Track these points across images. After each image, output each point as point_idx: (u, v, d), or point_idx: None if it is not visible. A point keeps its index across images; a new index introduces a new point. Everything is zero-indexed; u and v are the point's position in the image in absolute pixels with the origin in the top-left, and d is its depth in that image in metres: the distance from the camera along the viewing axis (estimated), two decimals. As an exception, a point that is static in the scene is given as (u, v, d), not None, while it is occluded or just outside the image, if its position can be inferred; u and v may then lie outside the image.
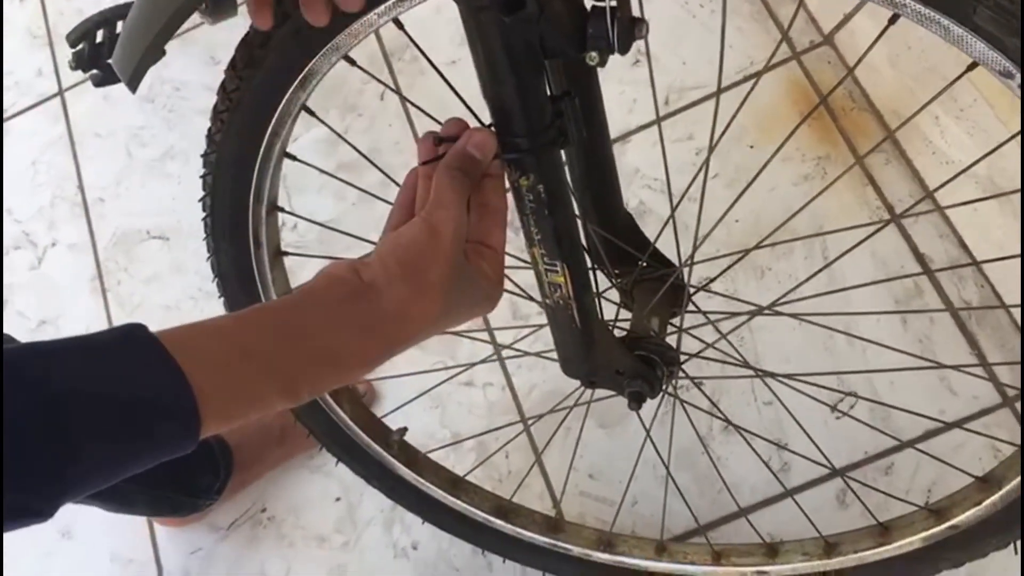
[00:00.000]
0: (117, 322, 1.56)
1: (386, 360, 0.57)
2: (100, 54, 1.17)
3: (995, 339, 1.26)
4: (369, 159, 0.88)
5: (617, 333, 0.88)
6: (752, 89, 0.83)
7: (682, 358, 0.88)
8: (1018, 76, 0.60)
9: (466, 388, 1.37)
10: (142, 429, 0.45)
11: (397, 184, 0.66)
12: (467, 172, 0.59)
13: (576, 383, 0.92)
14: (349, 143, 0.96)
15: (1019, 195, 1.18)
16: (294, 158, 0.82)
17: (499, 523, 1.09)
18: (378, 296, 0.56)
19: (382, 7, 0.64)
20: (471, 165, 0.60)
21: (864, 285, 1.20)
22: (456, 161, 0.60)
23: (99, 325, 1.56)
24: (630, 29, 0.58)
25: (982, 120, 1.25)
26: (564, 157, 0.71)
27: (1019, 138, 0.74)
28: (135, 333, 0.47)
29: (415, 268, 0.56)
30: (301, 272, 1.45)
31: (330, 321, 0.55)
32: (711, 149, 0.79)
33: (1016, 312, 1.23)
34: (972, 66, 0.63)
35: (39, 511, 0.43)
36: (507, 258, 0.97)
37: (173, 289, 1.56)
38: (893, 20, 0.61)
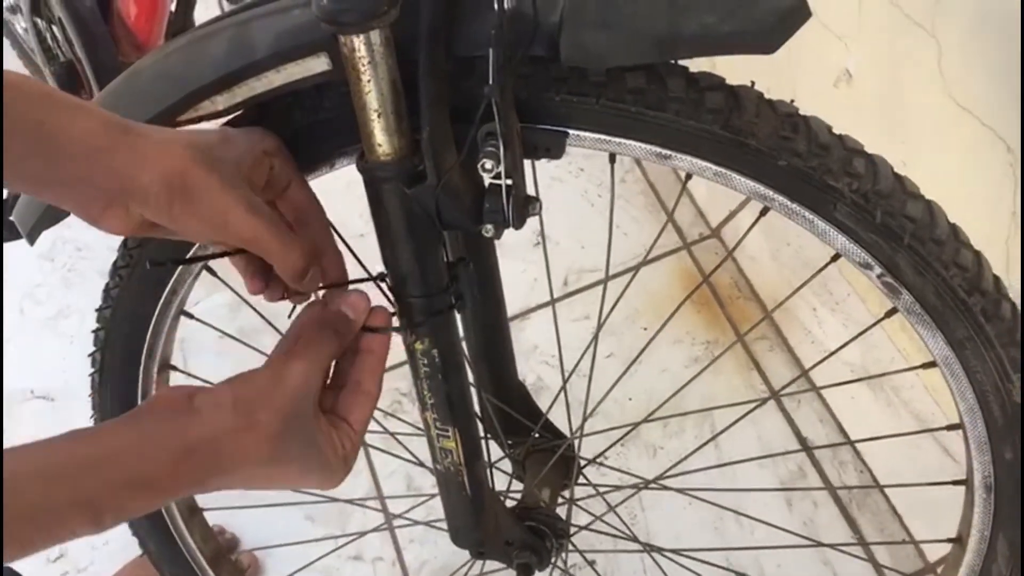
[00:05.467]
0: (-13, 485, 1.48)
1: (200, 490, 0.55)
2: (1, 211, 1.16)
3: (875, 523, 1.29)
4: (271, 323, 0.88)
5: (508, 503, 0.88)
6: (634, 276, 0.88)
7: (572, 530, 0.88)
8: (877, 268, 0.66)
9: (355, 562, 1.33)
10: None
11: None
12: (337, 330, 0.60)
13: (466, 556, 0.90)
14: (252, 307, 0.96)
15: (888, 380, 1.25)
16: (191, 316, 0.83)
17: None
18: (199, 421, 0.54)
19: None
20: (342, 324, 0.60)
21: (747, 460, 1.24)
22: (329, 317, 0.60)
23: (-33, 488, 1.48)
24: (524, 206, 0.62)
25: (855, 312, 1.34)
26: (460, 326, 0.73)
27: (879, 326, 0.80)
28: None
29: (247, 404, 0.55)
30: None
31: (142, 443, 0.52)
32: (598, 329, 0.83)
33: (890, 493, 1.28)
34: (835, 257, 0.68)
35: None
36: (402, 425, 0.98)
37: (52, 452, 1.50)
38: (764, 212, 0.67)
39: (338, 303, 0.61)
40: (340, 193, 0.73)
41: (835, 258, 0.68)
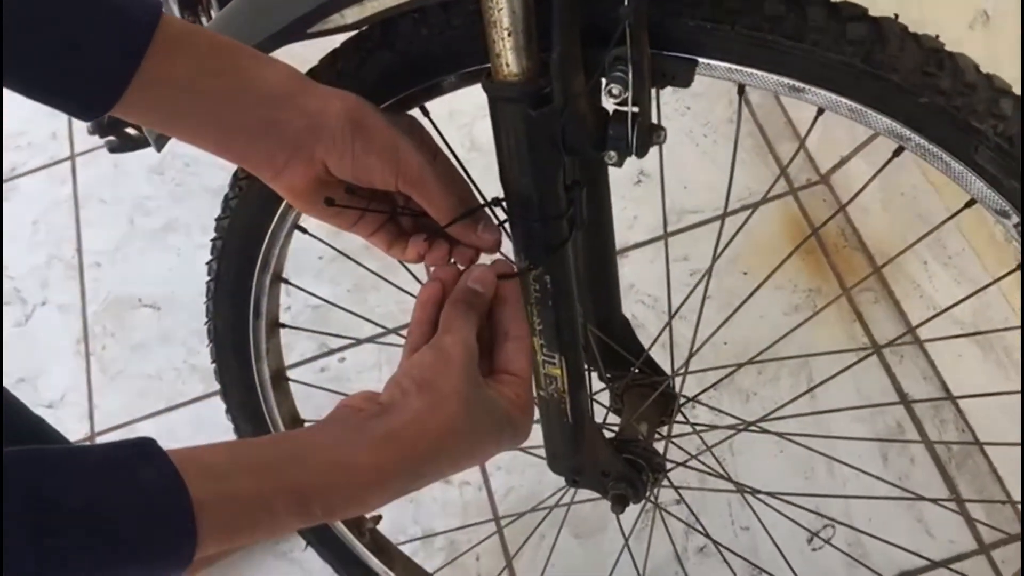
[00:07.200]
0: (96, 386, 1.55)
1: (406, 479, 0.55)
2: (119, 122, 1.20)
3: (974, 484, 1.26)
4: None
5: (606, 435, 0.88)
6: (747, 220, 0.85)
7: (667, 466, 0.88)
8: (1014, 216, 0.63)
9: (442, 485, 1.36)
10: (132, 538, 0.44)
11: (415, 279, 0.67)
12: (472, 304, 0.62)
13: (554, 487, 0.91)
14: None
15: (1000, 339, 1.20)
16: (305, 231, 0.84)
17: (465, 624, 1.07)
18: (394, 411, 0.56)
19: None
20: (474, 297, 0.62)
21: (846, 409, 1.21)
22: (460, 295, 0.62)
23: (79, 388, 1.55)
24: (648, 134, 0.61)
25: (968, 268, 1.28)
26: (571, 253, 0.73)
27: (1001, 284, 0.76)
28: (145, 448, 0.47)
29: (429, 383, 0.57)
30: (292, 352, 1.46)
31: (345, 436, 0.54)
32: (712, 263, 0.82)
33: (992, 453, 1.24)
34: (970, 203, 0.65)
35: None
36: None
37: (158, 359, 1.56)
38: (898, 152, 0.64)
39: (465, 280, 0.63)
40: (444, 121, 0.73)
41: (969, 204, 0.65)
